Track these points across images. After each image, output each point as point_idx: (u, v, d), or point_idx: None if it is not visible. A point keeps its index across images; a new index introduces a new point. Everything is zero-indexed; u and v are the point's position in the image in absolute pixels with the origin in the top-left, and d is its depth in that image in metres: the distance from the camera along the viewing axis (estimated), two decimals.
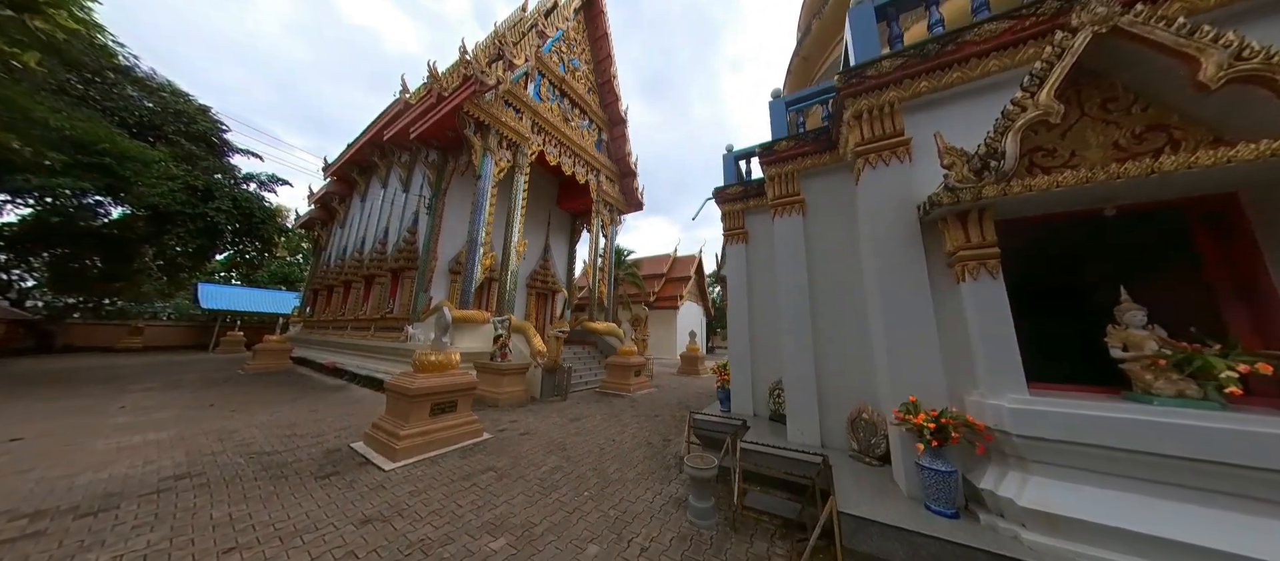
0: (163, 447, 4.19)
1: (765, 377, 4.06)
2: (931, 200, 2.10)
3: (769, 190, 3.67)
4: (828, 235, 3.33)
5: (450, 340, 8.10)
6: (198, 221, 12.95)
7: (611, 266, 14.38)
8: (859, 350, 2.97)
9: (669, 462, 4.00)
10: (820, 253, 3.33)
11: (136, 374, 10.20)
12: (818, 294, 3.26)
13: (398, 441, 3.83)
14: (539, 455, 4.14)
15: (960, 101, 2.51)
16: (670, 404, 7.50)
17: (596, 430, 5.26)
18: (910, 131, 2.51)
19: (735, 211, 4.60)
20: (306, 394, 7.60)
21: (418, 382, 4.09)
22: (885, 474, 2.44)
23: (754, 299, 4.28)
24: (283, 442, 4.39)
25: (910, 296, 2.27)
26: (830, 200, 3.35)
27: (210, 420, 5.43)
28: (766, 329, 4.15)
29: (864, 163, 2.56)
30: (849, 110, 2.68)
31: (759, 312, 4.23)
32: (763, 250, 4.32)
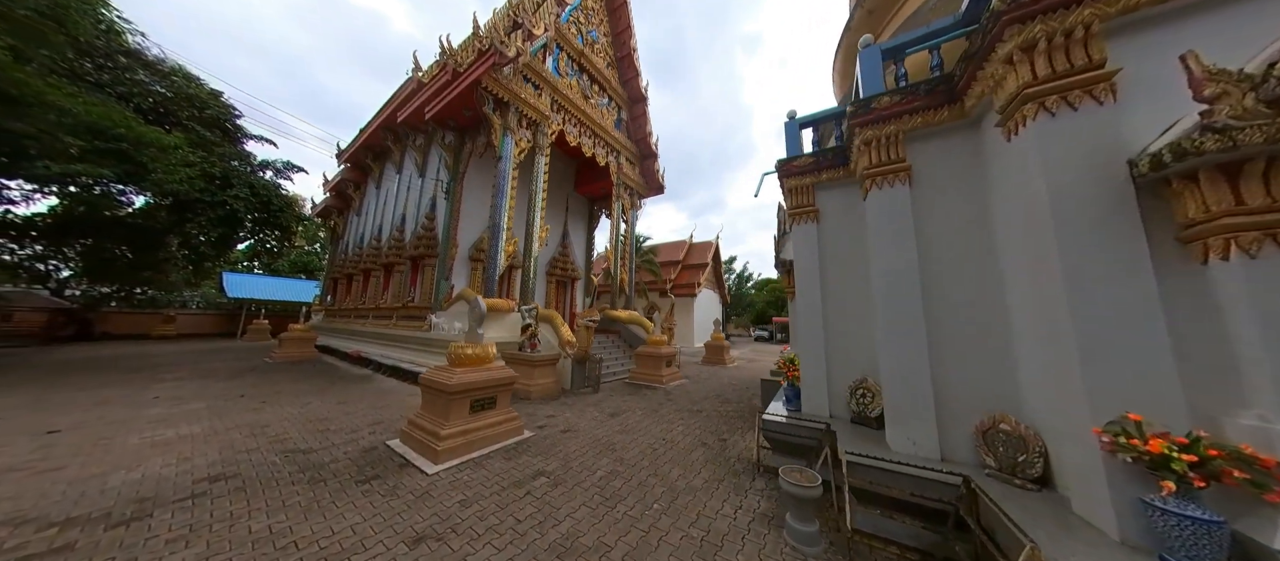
0: (196, 443, 3.99)
1: (842, 375, 3.58)
2: (1177, 148, 1.51)
3: (863, 158, 3.09)
4: (945, 209, 2.77)
5: (485, 331, 7.83)
6: (218, 209, 12.89)
7: (632, 253, 13.90)
8: (990, 347, 2.46)
9: (735, 467, 3.61)
10: (934, 230, 2.78)
11: (169, 362, 10.32)
12: (930, 279, 2.74)
13: (439, 442, 3.52)
14: (589, 457, 3.79)
15: (1202, 14, 1.82)
16: (708, 396, 7.12)
17: (641, 427, 4.91)
18: (1117, 61, 1.91)
19: (803, 187, 4.04)
20: (334, 384, 7.47)
21: (456, 378, 3.75)
22: (1056, 503, 1.92)
23: (829, 285, 3.76)
24: (317, 439, 4.16)
25: (1120, 282, 1.71)
26: (949, 166, 2.77)
27: (242, 412, 5.27)
28: (845, 319, 3.64)
29: (1036, 109, 1.96)
30: (1010, 43, 2.05)
31: (835, 301, 3.72)
32: (841, 229, 3.77)
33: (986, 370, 2.45)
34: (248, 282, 22.45)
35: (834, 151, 3.85)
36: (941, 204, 2.79)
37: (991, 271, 2.53)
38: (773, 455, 3.57)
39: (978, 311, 2.55)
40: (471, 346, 4.12)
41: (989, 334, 2.49)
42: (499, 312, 7.94)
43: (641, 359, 8.46)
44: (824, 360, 3.68)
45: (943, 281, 2.71)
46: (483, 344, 4.22)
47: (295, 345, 11.42)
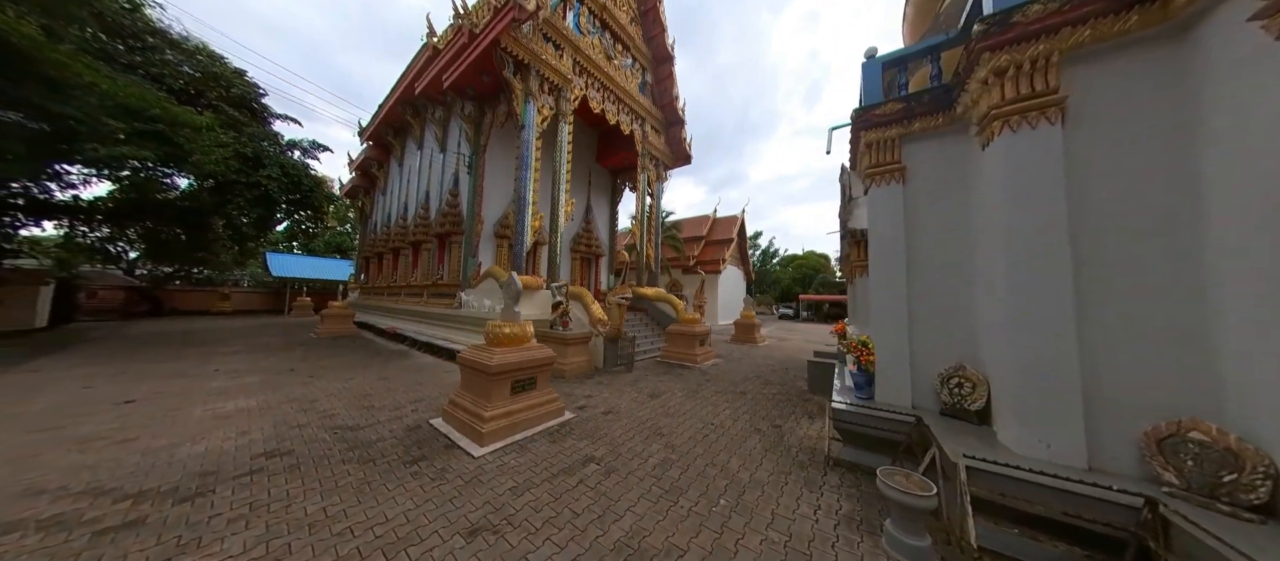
0: (252, 417, 4.08)
1: (930, 361, 3.10)
2: None
3: (991, 93, 2.42)
4: (1117, 155, 2.10)
5: (522, 310, 7.76)
6: (253, 190, 13.26)
7: (659, 227, 13.35)
8: (1175, 337, 1.89)
9: (799, 458, 3.29)
10: (1097, 183, 2.14)
11: (227, 336, 11.05)
12: (1086, 250, 2.14)
13: (483, 423, 3.38)
14: (637, 441, 3.57)
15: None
16: (747, 377, 6.78)
17: (685, 410, 4.65)
18: None
19: (886, 141, 3.38)
20: (374, 360, 7.68)
21: (496, 358, 3.56)
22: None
23: (916, 257, 3.20)
24: (362, 415, 4.16)
25: None
26: (1128, 99, 2.07)
27: (292, 386, 5.43)
28: (936, 297, 3.10)
29: None
30: None
31: (923, 276, 3.17)
32: (937, 190, 3.14)
33: (1168, 365, 1.91)
34: (289, 262, 23.78)
35: (932, 94, 3.14)
36: (1114, 148, 2.11)
37: (1192, 242, 1.91)
38: (843, 447, 3.21)
39: (1160, 292, 1.97)
40: (509, 325, 3.90)
41: (1175, 320, 1.92)
42: (528, 290, 7.78)
43: (674, 337, 8.18)
44: (906, 344, 3.19)
45: (1105, 252, 2.11)
46: (520, 322, 4.00)
47: (336, 322, 11.94)
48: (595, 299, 8.45)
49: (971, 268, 2.92)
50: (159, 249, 13.86)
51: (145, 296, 18.73)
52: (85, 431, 3.67)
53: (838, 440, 3.21)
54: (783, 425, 4.11)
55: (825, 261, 42.71)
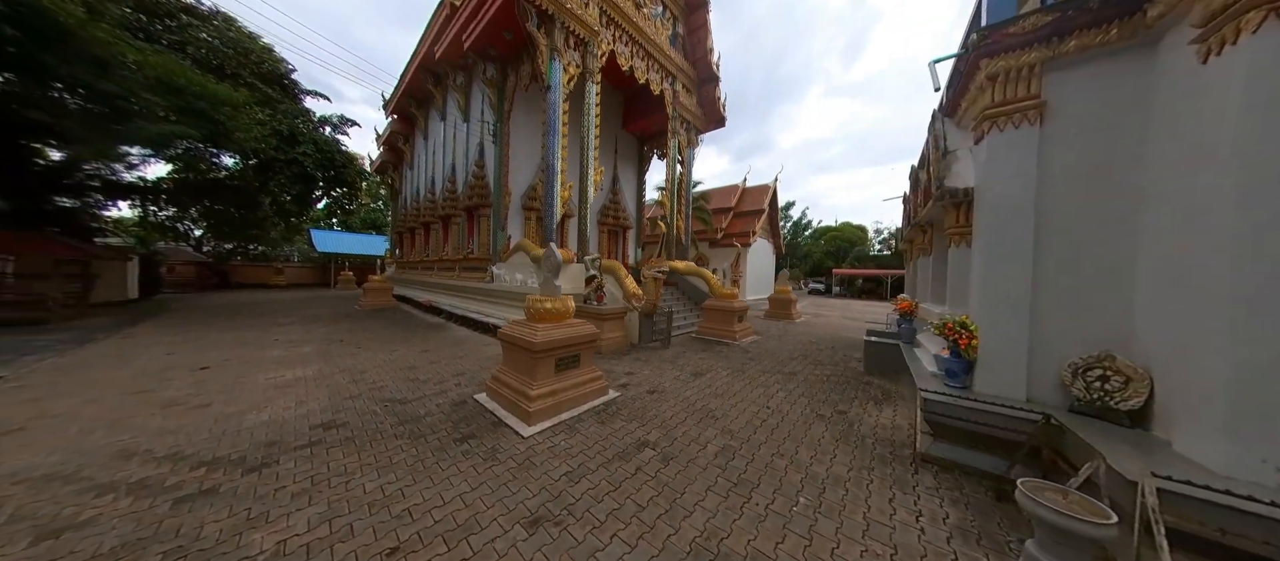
0: (309, 387, 4.20)
1: (1056, 346, 2.54)
2: None
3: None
4: None
5: (563, 284, 7.63)
6: (291, 167, 13.68)
7: (689, 197, 12.63)
8: None
9: (878, 452, 2.92)
10: None
11: (283, 308, 11.87)
12: None
13: (529, 402, 3.23)
14: (691, 426, 3.32)
15: None
16: (793, 356, 6.36)
17: (734, 391, 4.36)
18: None
19: (1019, 69, 2.63)
20: (414, 333, 7.90)
21: (541, 336, 3.35)
22: None
23: (1051, 219, 2.55)
24: (409, 388, 4.18)
25: None
26: None
27: (342, 356, 5.62)
28: (1079, 270, 2.49)
29: None
30: None
31: (1058, 239, 2.54)
32: (1095, 126, 2.43)
33: None
34: (331, 238, 25.13)
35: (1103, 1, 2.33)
36: None
37: None
38: (934, 441, 2.79)
39: None
40: (550, 300, 3.66)
41: None
42: None
43: (711, 313, 7.80)
44: (1025, 326, 2.63)
45: None
46: (561, 297, 3.74)
47: (376, 295, 12.49)
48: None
49: (1141, 231, 2.27)
50: (218, 226, 14.87)
51: (215, 271, 20.55)
52: (168, 395, 3.91)
53: (929, 433, 2.79)
54: (847, 411, 3.72)
55: (861, 234, 39.96)
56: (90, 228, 11.12)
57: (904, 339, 5.16)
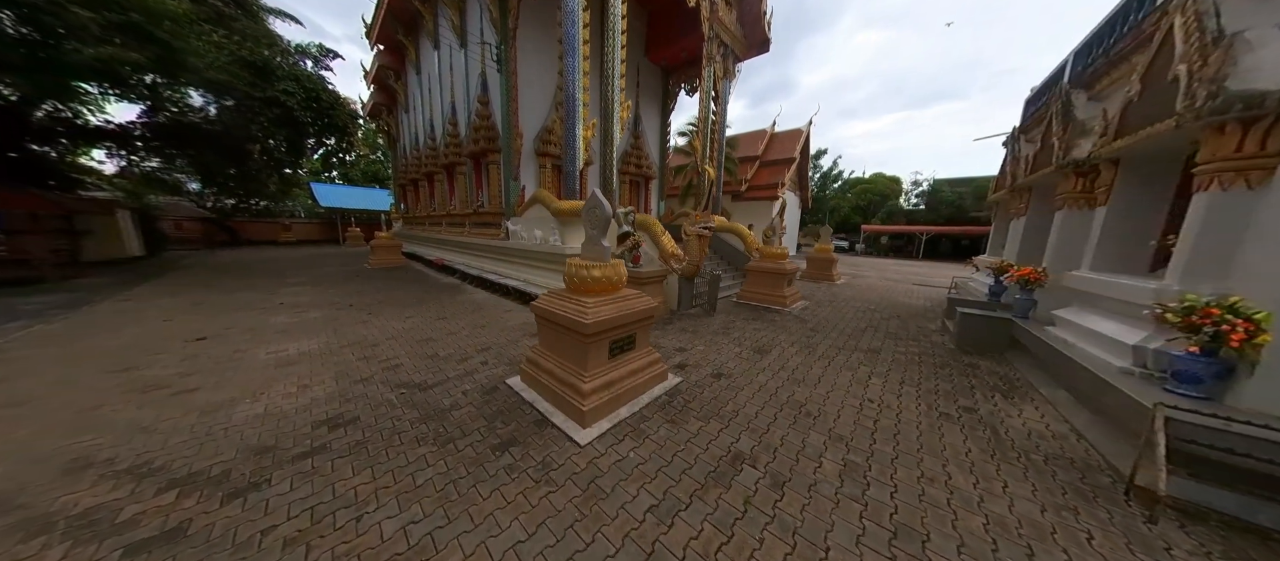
0: (314, 364, 3.59)
1: None
2: None
3: None
4: None
5: (570, 241, 6.72)
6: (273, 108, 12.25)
7: (722, 140, 10.98)
8: None
9: (1061, 476, 2.15)
10: None
11: (292, 266, 11.36)
12: None
13: (583, 399, 2.51)
14: (785, 427, 2.59)
15: None
16: (859, 326, 5.52)
17: (811, 374, 3.60)
18: None
19: None
20: (428, 295, 7.25)
21: (592, 315, 2.52)
22: None
23: None
24: (428, 368, 3.53)
25: None
26: None
27: (352, 325, 5.00)
28: None
29: None
30: None
31: None
32: None
33: None
34: (334, 193, 24.15)
35: None
36: None
37: None
38: (1179, 478, 1.99)
39: None
40: (598, 266, 2.77)
41: None
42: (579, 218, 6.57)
43: (758, 275, 6.88)
44: None
45: None
46: (610, 263, 2.85)
47: (385, 253, 11.82)
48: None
49: None
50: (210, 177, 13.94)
51: (223, 227, 20.10)
52: (153, 375, 3.33)
53: (1177, 472, 1.98)
54: (975, 409, 2.93)
55: (895, 185, 36.87)
56: (72, 179, 10.33)
57: (1018, 313, 4.23)
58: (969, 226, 26.46)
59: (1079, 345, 2.93)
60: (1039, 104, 5.92)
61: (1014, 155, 5.84)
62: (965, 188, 32.03)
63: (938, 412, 2.86)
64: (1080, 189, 3.64)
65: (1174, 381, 2.11)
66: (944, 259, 26.11)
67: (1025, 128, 5.78)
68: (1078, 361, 2.68)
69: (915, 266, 19.45)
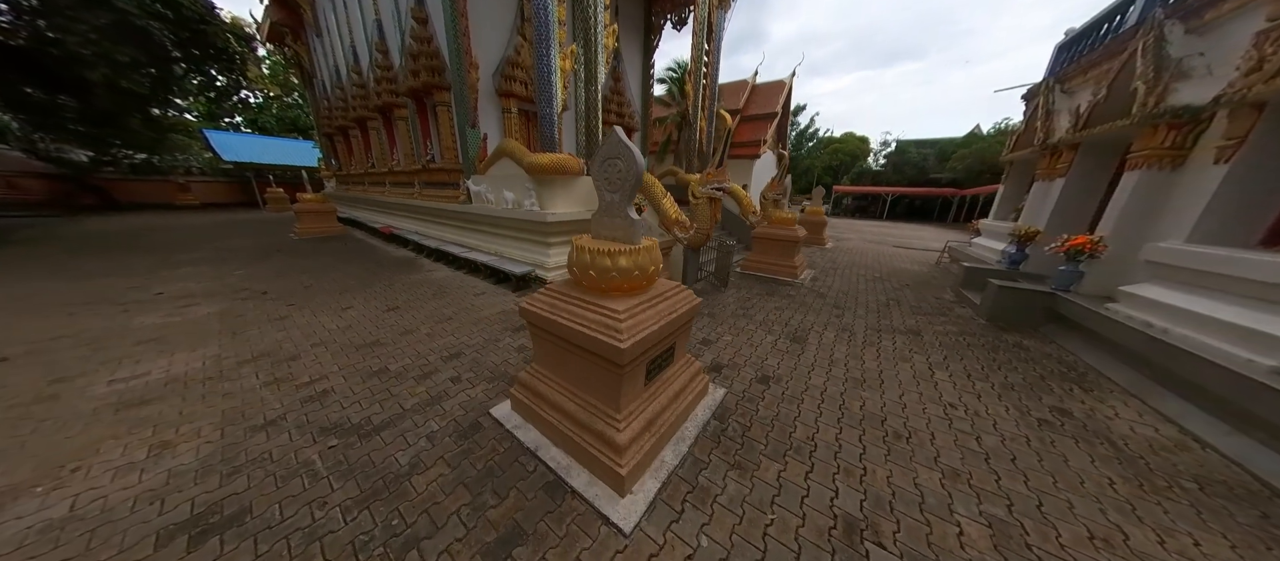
0: (188, 401, 2.41)
1: None
2: None
3: None
4: None
5: (557, 207, 5.41)
6: (100, 12, 8.78)
7: (716, 85, 9.61)
8: None
9: (1239, 514, 1.73)
10: None
11: (189, 239, 8.99)
12: None
13: (618, 454, 1.69)
14: (876, 457, 1.98)
15: None
16: (880, 301, 5.07)
17: (868, 370, 3.03)
18: None
19: None
20: (375, 274, 5.84)
21: (628, 332, 1.62)
22: None
23: None
24: (374, 395, 2.50)
25: None
26: None
27: (262, 324, 3.69)
28: None
29: None
30: None
31: None
32: None
33: None
34: (240, 144, 19.70)
35: None
36: None
37: None
38: None
39: None
40: (625, 252, 1.80)
41: None
42: (564, 173, 5.34)
43: (765, 244, 6.17)
44: None
45: None
46: (643, 245, 1.89)
47: (315, 219, 9.69)
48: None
49: None
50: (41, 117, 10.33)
51: (88, 187, 15.77)
52: None
53: None
54: (1067, 409, 2.51)
55: (863, 145, 37.14)
56: None
57: (1058, 285, 3.89)
58: (930, 188, 27.49)
59: (1180, 332, 2.54)
60: (1083, 48, 5.34)
61: (1046, 110, 5.33)
62: (930, 149, 32.99)
63: (1034, 419, 2.39)
64: (1170, 144, 3.14)
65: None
66: (904, 220, 27.22)
67: (1063, 77, 5.21)
68: (1199, 356, 2.27)
69: (884, 227, 19.97)
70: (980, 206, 22.88)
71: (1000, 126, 27.67)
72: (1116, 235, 3.50)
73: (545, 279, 5.32)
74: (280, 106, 26.26)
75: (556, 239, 5.53)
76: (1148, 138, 3.29)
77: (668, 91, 18.62)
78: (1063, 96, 5.22)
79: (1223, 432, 2.12)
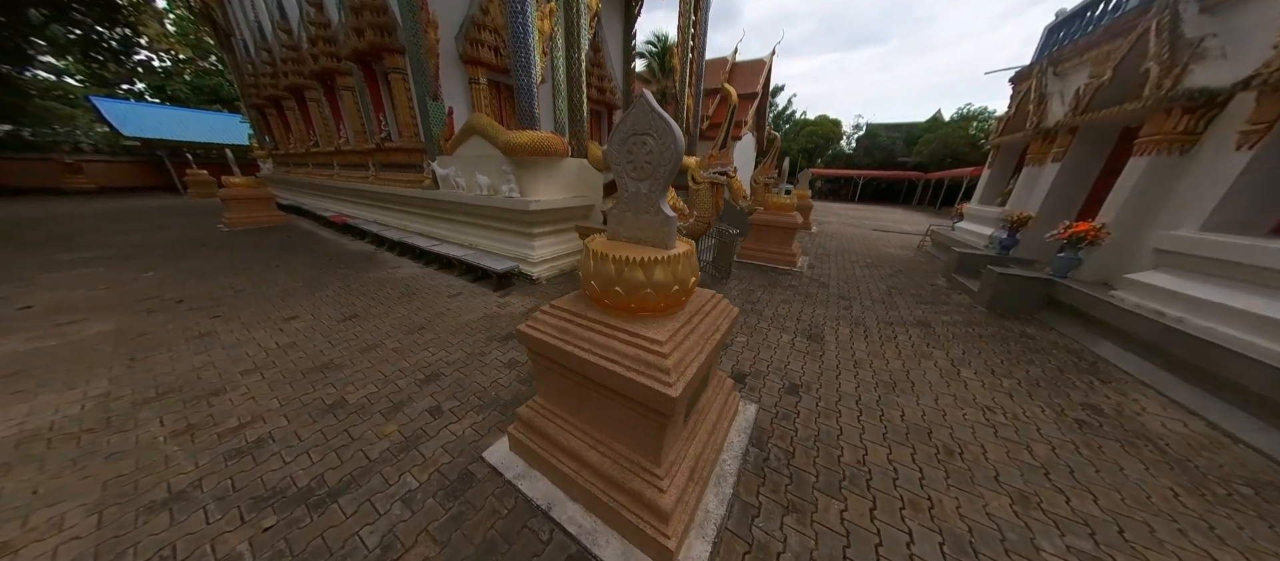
0: (48, 473, 1.76)
1: None
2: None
3: None
4: None
5: (537, 192, 4.70)
6: None
7: (702, 55, 9.02)
8: None
9: None
10: None
11: (80, 233, 7.41)
12: None
13: (664, 523, 1.34)
14: (936, 482, 1.77)
15: None
16: (882, 290, 4.99)
17: (895, 372, 2.85)
18: None
19: None
20: (325, 273, 5.01)
21: (676, 368, 1.23)
22: None
23: None
24: (327, 441, 1.97)
25: None
26: None
27: (175, 344, 2.93)
28: None
29: None
30: None
31: None
32: None
33: None
34: (144, 116, 16.61)
35: None
36: None
37: None
38: None
39: None
40: (662, 261, 1.38)
41: None
42: (548, 153, 4.73)
43: (762, 231, 5.91)
44: None
45: None
46: (680, 250, 1.48)
47: (248, 206, 8.31)
48: None
49: None
50: None
51: None
52: None
53: None
54: (1098, 406, 2.45)
55: (836, 128, 37.90)
56: None
57: (1056, 272, 3.92)
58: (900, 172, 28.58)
59: (1200, 323, 2.53)
60: (1078, 30, 5.33)
61: (1039, 93, 5.33)
62: (898, 133, 34.23)
63: (1071, 420, 2.30)
64: (1183, 129, 3.11)
65: None
66: (874, 202, 28.30)
67: (1056, 59, 5.20)
68: (1231, 350, 2.23)
69: (859, 210, 20.58)
70: (945, 190, 24.13)
71: (962, 112, 29.00)
72: (1118, 222, 3.51)
73: (531, 275, 4.78)
74: (195, 72, 22.49)
75: (542, 230, 4.96)
76: (1159, 122, 3.25)
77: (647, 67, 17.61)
78: (1055, 79, 5.22)
79: (1254, 428, 2.11)
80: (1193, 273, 2.79)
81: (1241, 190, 2.71)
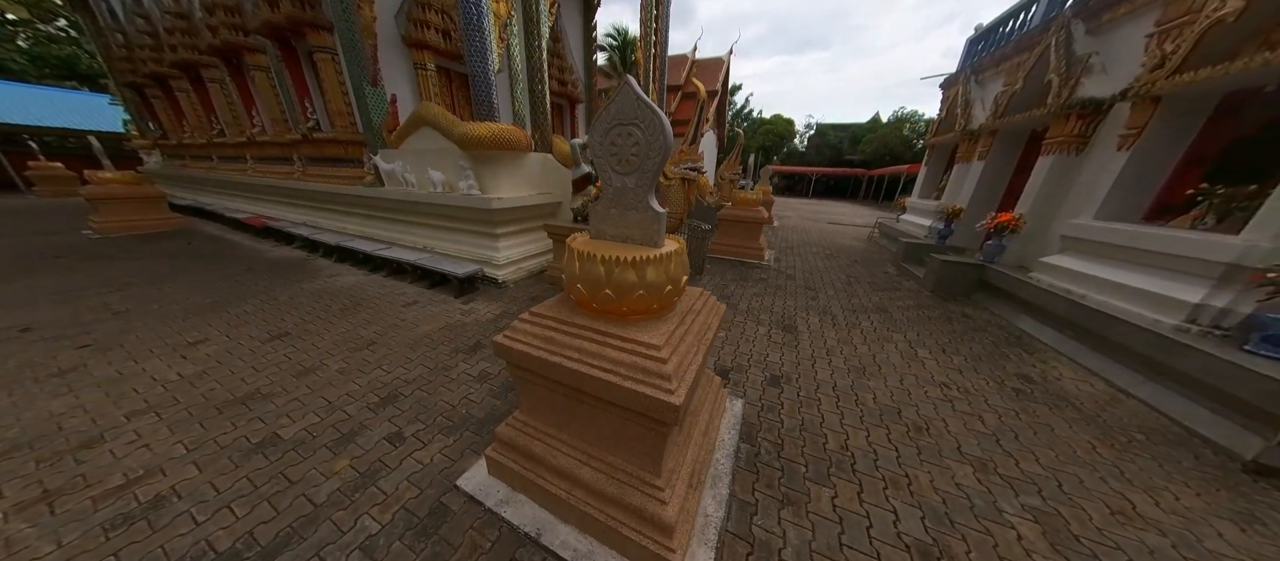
0: None
1: None
2: None
3: None
4: None
5: (499, 190, 4.31)
6: None
7: (665, 51, 8.98)
8: None
9: (1150, 451, 2.00)
10: None
11: None
12: None
13: (668, 533, 1.26)
14: (910, 458, 1.89)
15: None
16: (844, 278, 5.33)
17: (867, 357, 3.04)
18: None
19: None
20: (245, 285, 4.24)
21: (676, 374, 1.15)
22: None
23: None
24: (256, 489, 1.62)
25: None
26: None
27: (20, 389, 2.27)
28: None
29: None
30: None
31: None
32: None
33: None
34: None
35: None
36: None
37: None
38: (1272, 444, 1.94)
39: None
40: (653, 260, 1.28)
41: None
42: (511, 146, 4.41)
43: (730, 226, 6.05)
44: None
45: None
46: (671, 248, 1.40)
47: (128, 207, 6.82)
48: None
49: None
50: None
51: None
52: None
53: (1271, 439, 1.91)
54: (1029, 375, 2.80)
55: (790, 127, 40.28)
56: None
57: (986, 258, 4.45)
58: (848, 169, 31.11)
59: (1098, 297, 2.99)
60: (993, 43, 6.05)
61: (964, 98, 6.01)
62: (844, 133, 37.18)
63: (1010, 389, 2.60)
64: (1078, 133, 3.65)
65: (1267, 345, 2.09)
66: (824, 197, 30.58)
67: (977, 68, 5.89)
68: (1121, 319, 2.66)
69: (813, 205, 22.09)
70: (886, 185, 26.65)
71: (898, 114, 32.13)
72: (1032, 213, 4.05)
73: (496, 279, 4.44)
74: (35, 38, 18.07)
75: (506, 229, 4.62)
76: (1060, 125, 3.80)
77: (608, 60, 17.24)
78: (977, 87, 5.91)
79: (1138, 382, 2.53)
80: (1090, 255, 3.31)
81: (1123, 184, 3.27)
